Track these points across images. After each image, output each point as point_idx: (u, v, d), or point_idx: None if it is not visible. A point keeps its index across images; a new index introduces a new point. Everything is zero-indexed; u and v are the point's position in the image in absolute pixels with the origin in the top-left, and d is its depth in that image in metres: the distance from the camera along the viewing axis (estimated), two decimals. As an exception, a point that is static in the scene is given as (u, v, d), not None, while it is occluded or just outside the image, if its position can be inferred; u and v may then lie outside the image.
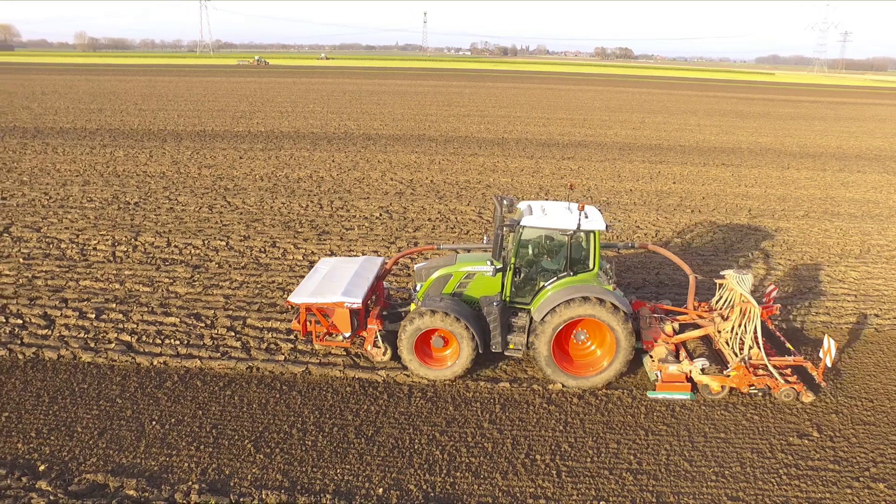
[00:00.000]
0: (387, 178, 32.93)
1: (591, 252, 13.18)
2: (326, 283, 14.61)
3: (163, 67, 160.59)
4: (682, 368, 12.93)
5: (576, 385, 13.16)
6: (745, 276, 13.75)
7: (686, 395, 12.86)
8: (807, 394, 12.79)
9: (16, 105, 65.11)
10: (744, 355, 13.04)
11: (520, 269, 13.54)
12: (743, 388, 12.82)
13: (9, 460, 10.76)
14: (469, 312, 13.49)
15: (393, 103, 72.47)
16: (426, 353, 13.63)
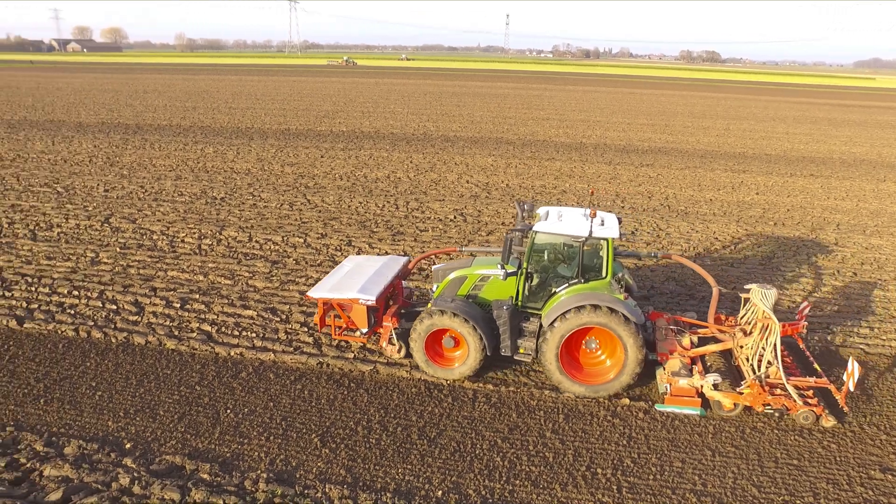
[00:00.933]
0: (463, 180, 33.17)
1: (605, 260, 13.06)
2: (346, 279, 14.97)
3: (253, 67, 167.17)
4: (693, 383, 12.58)
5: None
6: (769, 291, 13.21)
7: (696, 411, 12.52)
8: (827, 418, 12.14)
9: (121, 103, 69.34)
10: (760, 373, 12.54)
11: (532, 275, 13.57)
12: (757, 407, 12.35)
13: (100, 436, 11.58)
14: (480, 315, 13.58)
15: (472, 105, 72.79)
16: (437, 352, 13.85)
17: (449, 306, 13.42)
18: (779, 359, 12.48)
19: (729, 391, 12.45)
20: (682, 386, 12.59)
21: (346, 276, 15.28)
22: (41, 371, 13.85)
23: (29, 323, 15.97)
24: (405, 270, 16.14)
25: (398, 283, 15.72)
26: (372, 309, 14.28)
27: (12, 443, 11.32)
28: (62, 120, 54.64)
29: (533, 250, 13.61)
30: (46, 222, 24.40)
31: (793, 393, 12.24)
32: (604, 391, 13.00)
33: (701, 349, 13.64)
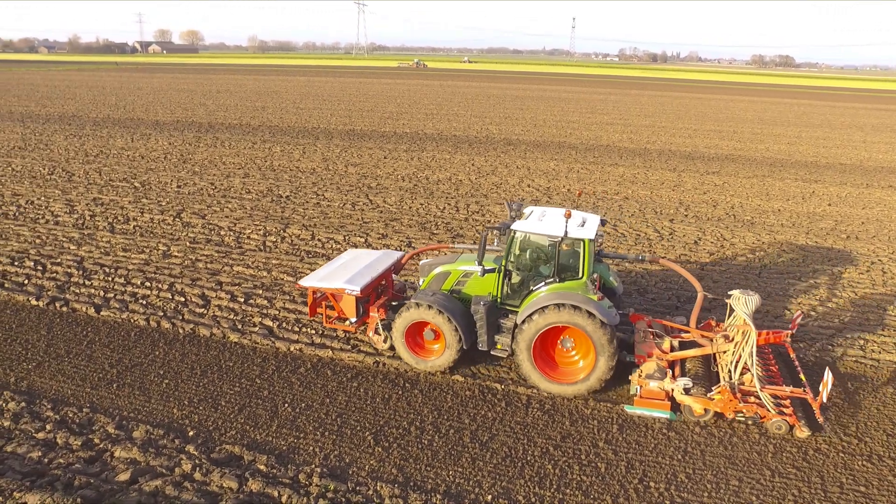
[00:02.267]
0: (524, 184, 33.04)
1: (581, 260, 13.15)
2: (337, 270, 15.49)
3: (321, 68, 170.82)
4: (664, 386, 12.50)
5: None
6: (750, 298, 12.86)
7: (665, 415, 12.41)
8: (801, 429, 11.88)
9: (195, 102, 72.08)
10: (733, 380, 12.41)
11: (511, 272, 13.81)
12: (728, 413, 12.20)
13: (166, 422, 12.11)
14: (459, 309, 13.90)
15: (535, 109, 72.41)
16: (419, 343, 14.27)
17: (429, 300, 13.81)
18: (754, 366, 12.32)
19: (699, 396, 12.34)
20: (653, 388, 12.60)
21: (339, 267, 15.82)
22: (115, 357, 14.58)
23: (105, 311, 16.82)
24: (398, 265, 16.61)
25: (388, 276, 16.13)
26: (360, 299, 14.76)
27: (88, 423, 11.97)
28: (141, 118, 57.21)
29: (514, 249, 13.81)
30: (124, 216, 25.62)
31: (766, 401, 12.08)
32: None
33: (679, 353, 13.53)
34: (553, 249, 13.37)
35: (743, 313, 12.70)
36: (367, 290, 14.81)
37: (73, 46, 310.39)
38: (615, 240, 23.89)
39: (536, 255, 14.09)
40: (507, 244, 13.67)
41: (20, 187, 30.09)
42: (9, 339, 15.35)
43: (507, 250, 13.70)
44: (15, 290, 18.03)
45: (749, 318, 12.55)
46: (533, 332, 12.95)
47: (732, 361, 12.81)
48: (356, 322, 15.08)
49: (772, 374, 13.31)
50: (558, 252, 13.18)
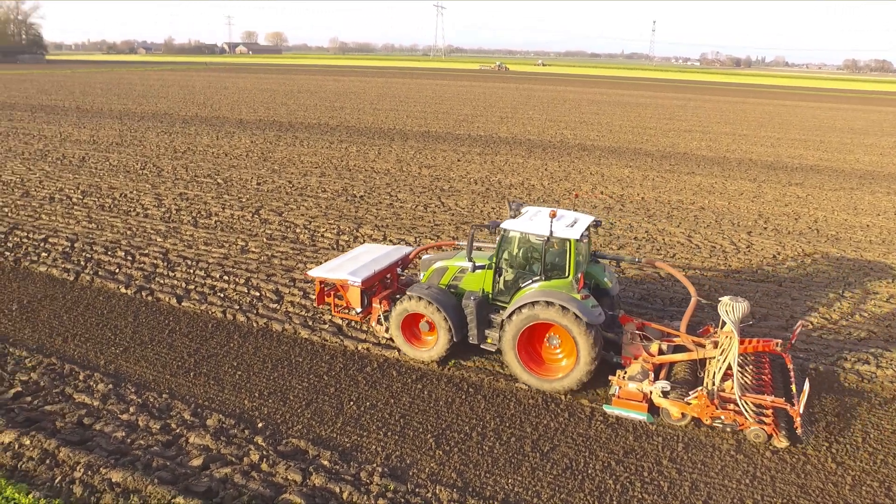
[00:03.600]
0: (597, 191, 32.56)
1: (567, 260, 13.45)
2: (346, 263, 16.40)
3: (398, 70, 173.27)
4: (642, 388, 12.61)
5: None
6: (738, 305, 12.56)
7: (642, 416, 12.47)
8: (780, 439, 11.78)
9: (277, 102, 74.55)
10: (713, 387, 12.41)
11: (502, 269, 14.34)
12: (705, 419, 12.19)
13: (237, 413, 12.62)
14: (451, 303, 14.44)
15: (612, 114, 71.16)
16: (415, 335, 14.89)
17: (423, 293, 14.43)
18: (735, 373, 12.17)
19: (677, 400, 12.32)
20: (631, 389, 12.72)
21: (348, 259, 16.75)
22: (193, 347, 15.31)
23: (186, 302, 17.67)
24: (405, 260, 17.35)
25: (394, 270, 16.81)
26: (365, 291, 15.56)
27: (166, 408, 12.62)
28: (226, 117, 59.64)
29: (504, 247, 14.30)
30: (206, 211, 26.80)
31: (744, 409, 11.95)
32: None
33: (666, 357, 13.62)
34: (541, 248, 13.72)
35: (728, 320, 12.54)
36: (370, 282, 15.62)
37: (167, 48, 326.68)
38: (688, 250, 23.21)
39: (526, 253, 14.48)
40: (498, 242, 14.29)
41: (115, 181, 31.94)
42: (100, 325, 16.36)
43: (497, 248, 14.30)
44: (107, 279, 19.18)
45: (734, 324, 12.44)
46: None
47: (717, 367, 12.75)
48: (361, 312, 15.84)
49: (762, 382, 13.19)
50: (545, 251, 13.55)
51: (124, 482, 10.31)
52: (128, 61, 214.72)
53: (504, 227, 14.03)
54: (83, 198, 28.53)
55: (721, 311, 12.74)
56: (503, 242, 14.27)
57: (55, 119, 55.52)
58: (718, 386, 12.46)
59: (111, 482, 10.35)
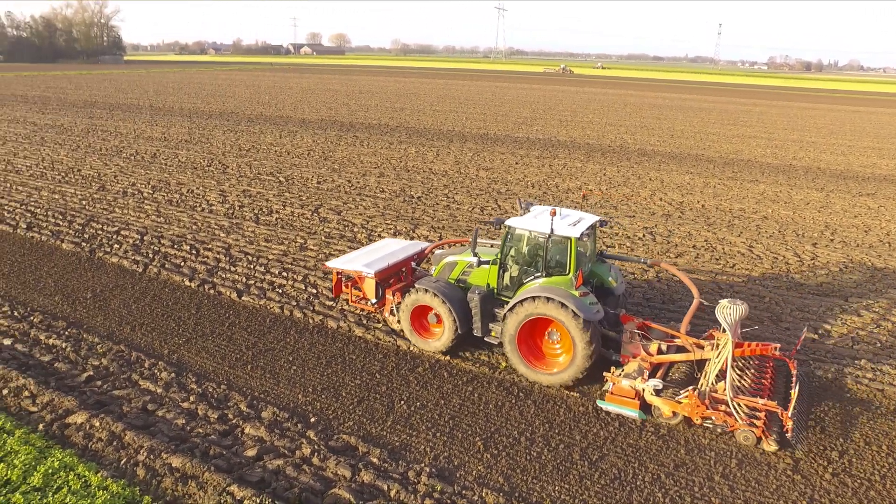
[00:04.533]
0: (656, 197, 31.97)
1: (568, 257, 13.77)
2: (362, 255, 17.08)
3: (458, 71, 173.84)
4: (635, 385, 12.75)
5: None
6: (737, 308, 12.74)
7: (634, 413, 12.72)
8: (769, 442, 11.78)
9: (339, 102, 75.94)
10: (706, 387, 12.52)
11: (506, 265, 14.79)
12: (695, 419, 12.31)
13: (291, 406, 12.98)
14: (458, 297, 14.90)
15: (673, 118, 69.62)
16: (424, 326, 15.39)
17: (430, 286, 14.92)
18: (728, 375, 12.25)
19: (669, 399, 12.43)
20: (624, 386, 12.86)
21: (365, 252, 17.44)
22: (251, 340, 15.80)
23: (246, 296, 18.24)
24: (420, 255, 17.82)
25: (408, 264, 17.25)
26: (380, 283, 16.10)
27: (224, 399, 13.08)
28: (289, 116, 61.11)
29: (508, 244, 14.71)
30: (268, 208, 27.56)
31: (734, 411, 12.02)
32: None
33: (663, 357, 13.71)
34: (542, 245, 14.18)
35: (724, 322, 12.69)
36: (383, 274, 16.11)
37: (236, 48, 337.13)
38: (748, 260, 22.53)
39: (529, 250, 14.77)
40: (503, 239, 14.73)
41: (183, 177, 33.19)
42: (165, 315, 17.06)
43: (502, 244, 14.80)
44: (172, 271, 19.97)
45: (729, 327, 12.59)
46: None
47: (712, 369, 12.84)
48: (376, 303, 16.34)
49: (761, 386, 13.17)
50: (546, 248, 14.03)
51: (183, 468, 10.75)
52: (198, 61, 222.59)
53: (508, 225, 14.56)
54: (153, 193, 29.77)
55: (718, 313, 12.87)
56: (507, 239, 14.72)
57: (130, 117, 58.05)
58: (711, 387, 12.53)
59: (171, 467, 10.81)
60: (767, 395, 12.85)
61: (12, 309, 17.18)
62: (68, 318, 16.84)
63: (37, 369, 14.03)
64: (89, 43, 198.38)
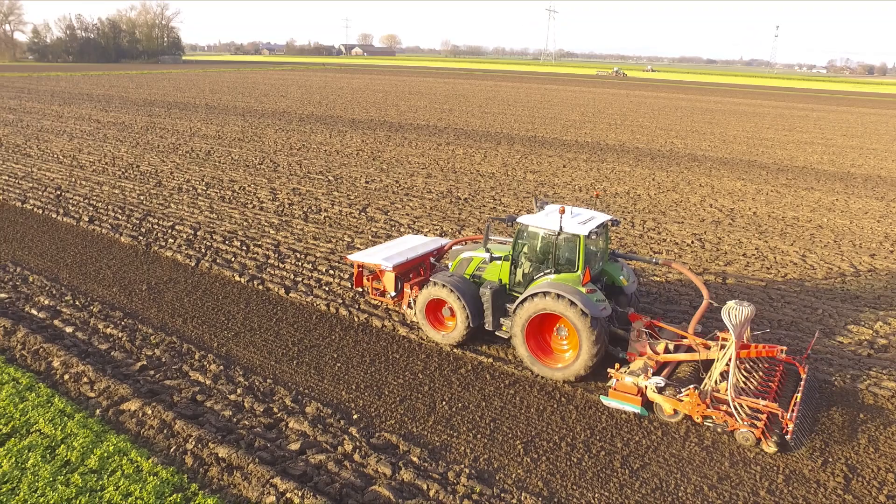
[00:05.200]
0: (706, 203, 31.32)
1: (576, 255, 14.06)
2: (383, 250, 17.76)
3: (508, 73, 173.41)
4: (638, 382, 12.90)
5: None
6: (743, 309, 12.77)
7: (636, 409, 12.90)
8: (769, 444, 11.84)
9: (388, 103, 76.66)
10: (707, 386, 12.68)
11: (517, 261, 15.10)
12: (696, 417, 12.47)
13: (334, 403, 13.21)
14: (471, 291, 15.25)
15: (726, 123, 67.99)
16: (438, 319, 15.82)
17: (445, 280, 15.32)
18: (731, 375, 12.33)
19: (670, 397, 12.56)
20: (626, 383, 13.00)
21: (387, 247, 18.15)
22: (297, 336, 16.12)
23: (293, 293, 18.62)
24: (440, 250, 18.36)
25: (427, 259, 17.81)
26: (399, 277, 16.75)
27: (270, 393, 13.40)
28: (340, 116, 62.00)
29: (520, 240, 15.04)
30: (317, 206, 28.05)
31: (734, 411, 12.14)
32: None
33: (669, 356, 13.79)
34: (552, 243, 14.51)
35: (728, 323, 12.73)
36: (402, 268, 16.76)
37: (289, 49, 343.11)
38: (801, 270, 21.88)
39: (539, 247, 15.05)
40: (515, 236, 15.04)
41: (235, 174, 34.04)
42: (215, 309, 17.56)
43: (514, 241, 15.09)
44: (223, 266, 20.52)
45: (733, 328, 12.64)
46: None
47: (717, 369, 12.91)
48: (395, 296, 17.04)
49: (768, 388, 13.16)
50: (556, 245, 14.37)
51: (229, 458, 11.06)
52: (253, 61, 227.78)
53: (520, 222, 14.90)
54: (207, 189, 30.62)
55: (724, 314, 12.85)
56: (519, 236, 15.05)
57: (187, 115, 59.80)
58: (713, 386, 12.65)
59: (218, 457, 11.14)
60: (773, 397, 12.85)
61: (74, 298, 17.95)
62: (125, 308, 17.50)
63: (95, 357, 14.64)
64: (150, 43, 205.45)
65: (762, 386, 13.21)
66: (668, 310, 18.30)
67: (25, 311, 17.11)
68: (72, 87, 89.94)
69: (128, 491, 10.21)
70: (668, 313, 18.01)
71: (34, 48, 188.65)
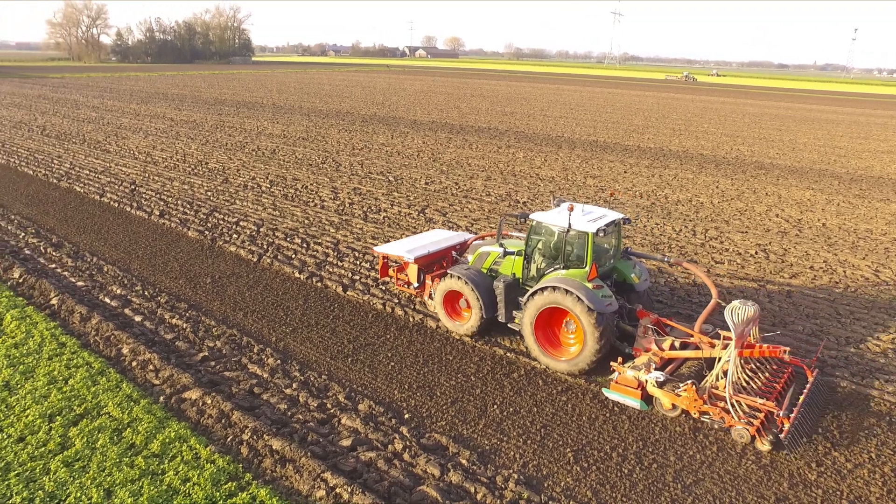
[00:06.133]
0: (772, 213, 30.25)
1: (585, 251, 14.44)
2: (408, 243, 18.63)
3: (571, 77, 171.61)
4: (639, 376, 13.21)
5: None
6: (746, 308, 13.12)
7: (636, 403, 13.22)
8: (763, 442, 12.02)
9: (450, 105, 77.02)
10: (707, 382, 13.06)
11: (530, 256, 15.54)
12: (693, 412, 12.78)
13: (387, 401, 13.39)
14: (485, 284, 15.84)
15: (796, 130, 65.45)
16: (455, 310, 16.54)
17: (461, 273, 15.94)
18: (730, 373, 12.57)
19: (669, 392, 12.86)
20: (628, 376, 13.33)
21: (411, 240, 19.00)
22: (352, 334, 16.41)
23: (350, 291, 18.95)
24: (463, 245, 18.90)
25: (449, 253, 18.39)
26: (422, 269, 17.45)
27: (324, 389, 13.69)
28: (402, 117, 62.67)
29: (533, 236, 15.48)
30: (376, 206, 28.46)
31: (731, 408, 12.34)
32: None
33: (674, 353, 14.06)
34: (561, 239, 14.94)
35: (730, 322, 12.87)
36: (423, 260, 17.46)
37: (354, 50, 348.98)
38: (872, 286, 20.86)
39: (551, 243, 15.56)
40: (528, 232, 15.52)
41: (299, 173, 34.88)
42: (274, 304, 18.05)
43: (527, 237, 15.55)
44: (284, 263, 21.07)
45: (734, 326, 12.76)
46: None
47: (719, 366, 13.18)
48: (418, 287, 17.70)
49: (771, 389, 13.33)
50: (565, 241, 14.76)
51: (282, 451, 11.37)
52: (319, 62, 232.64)
53: (532, 219, 15.35)
54: (271, 187, 31.49)
55: (727, 313, 13.03)
56: (532, 232, 15.49)
57: (254, 114, 61.60)
58: (712, 383, 12.95)
59: (272, 448, 11.46)
60: (775, 398, 13.01)
61: (144, 289, 18.78)
62: (190, 300, 18.19)
63: (161, 346, 15.28)
64: (222, 45, 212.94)
65: (766, 386, 13.38)
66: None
67: (100, 299, 18.02)
68: (149, 86, 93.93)
69: (186, 476, 10.63)
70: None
71: (117, 50, 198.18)
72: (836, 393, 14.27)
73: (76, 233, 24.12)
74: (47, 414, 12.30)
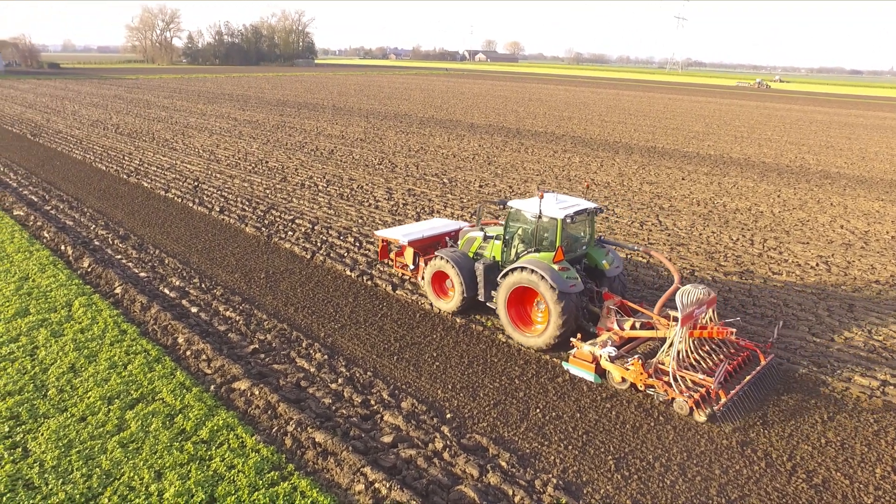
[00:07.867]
0: (836, 224, 29.06)
1: (554, 236, 15.57)
2: (407, 228, 20.30)
3: (631, 82, 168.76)
4: (594, 351, 14.21)
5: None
6: (697, 291, 13.98)
7: (590, 376, 14.24)
8: (699, 413, 12.95)
9: (507, 109, 76.92)
10: (657, 358, 13.97)
11: (509, 241, 16.74)
12: (639, 384, 13.60)
13: (429, 400, 13.49)
14: (468, 266, 17.15)
15: (867, 139, 62.59)
16: (442, 289, 17.90)
17: (446, 255, 17.30)
18: (675, 350, 13.51)
19: (619, 366, 13.79)
20: (584, 351, 14.36)
21: (410, 226, 20.67)
22: (399, 333, 16.60)
23: (399, 291, 19.17)
24: (457, 233, 20.01)
25: (443, 239, 19.74)
26: (417, 253, 18.94)
27: (368, 385, 13.90)
28: (459, 120, 62.93)
29: (510, 222, 16.70)
30: (430, 208, 28.67)
31: (673, 382, 13.24)
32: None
33: (632, 332, 15.01)
34: (533, 224, 16.02)
35: (679, 302, 13.52)
36: (417, 244, 18.94)
37: (415, 54, 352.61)
38: (952, 307, 19.75)
39: (526, 228, 16.51)
40: (506, 218, 16.80)
41: (355, 173, 35.46)
42: (325, 301, 18.42)
43: (506, 223, 16.78)
44: (336, 260, 21.48)
45: (682, 308, 13.45)
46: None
47: (668, 344, 14.01)
48: (413, 269, 19.21)
49: (716, 366, 13.96)
50: (536, 226, 15.90)
51: (325, 444, 11.60)
52: (379, 65, 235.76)
53: (511, 206, 16.58)
54: (327, 186, 32.13)
55: (677, 295, 13.73)
56: (511, 218, 16.69)
57: (314, 115, 62.94)
58: (660, 359, 13.86)
59: (315, 441, 11.70)
60: (722, 376, 13.56)
61: (201, 281, 19.47)
62: (243, 294, 18.75)
63: (214, 337, 15.81)
64: (287, 47, 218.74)
65: (715, 366, 14.05)
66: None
67: (160, 289, 18.77)
68: (216, 87, 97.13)
69: (232, 463, 10.98)
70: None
71: (188, 52, 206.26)
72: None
73: (141, 226, 25.19)
74: (107, 397, 12.91)
